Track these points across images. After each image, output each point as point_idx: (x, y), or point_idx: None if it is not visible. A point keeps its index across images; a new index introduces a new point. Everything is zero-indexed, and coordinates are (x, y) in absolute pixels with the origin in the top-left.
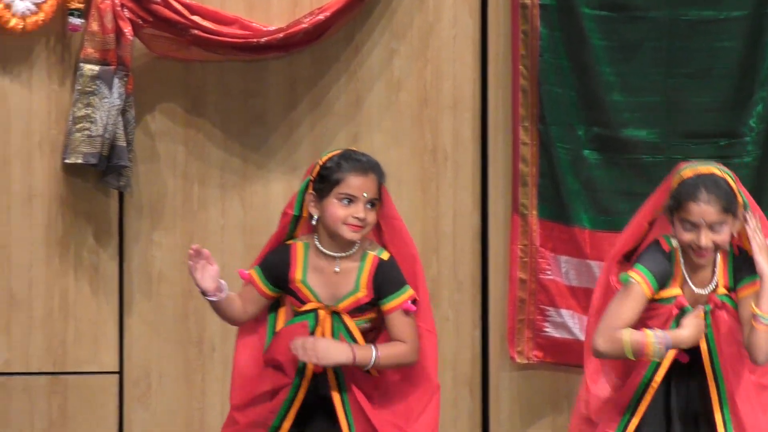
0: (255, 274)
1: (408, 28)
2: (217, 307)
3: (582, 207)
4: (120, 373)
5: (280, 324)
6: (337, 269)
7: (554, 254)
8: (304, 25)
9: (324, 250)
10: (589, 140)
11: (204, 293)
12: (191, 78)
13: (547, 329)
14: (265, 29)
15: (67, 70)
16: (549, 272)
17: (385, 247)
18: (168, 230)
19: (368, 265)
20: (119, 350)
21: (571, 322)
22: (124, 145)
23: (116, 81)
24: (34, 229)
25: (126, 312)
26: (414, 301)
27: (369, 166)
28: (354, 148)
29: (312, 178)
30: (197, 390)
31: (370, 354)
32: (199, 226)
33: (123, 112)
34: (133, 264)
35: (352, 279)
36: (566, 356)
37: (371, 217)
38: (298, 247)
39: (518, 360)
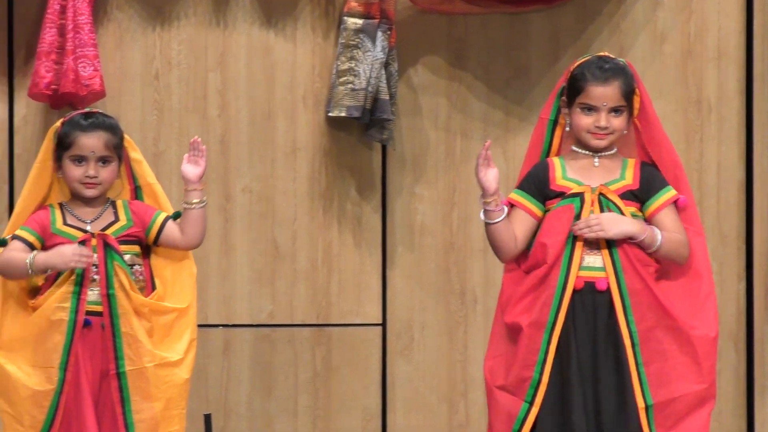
0: (517, 196)
1: None
2: (496, 229)
3: None
4: (383, 325)
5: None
6: (596, 163)
7: None
8: None
9: (582, 151)
10: None
11: (486, 193)
12: (454, 31)
13: None
14: None
15: (331, 24)
16: None
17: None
18: (430, 183)
19: (631, 164)
20: (382, 302)
21: None
22: (387, 98)
23: (379, 34)
24: (298, 182)
25: (389, 264)
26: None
27: (611, 74)
28: (606, 53)
29: (565, 84)
30: (459, 342)
31: (656, 233)
32: (461, 179)
33: (386, 65)
34: (395, 217)
35: (616, 172)
36: None
37: (616, 123)
38: (555, 159)
39: None
